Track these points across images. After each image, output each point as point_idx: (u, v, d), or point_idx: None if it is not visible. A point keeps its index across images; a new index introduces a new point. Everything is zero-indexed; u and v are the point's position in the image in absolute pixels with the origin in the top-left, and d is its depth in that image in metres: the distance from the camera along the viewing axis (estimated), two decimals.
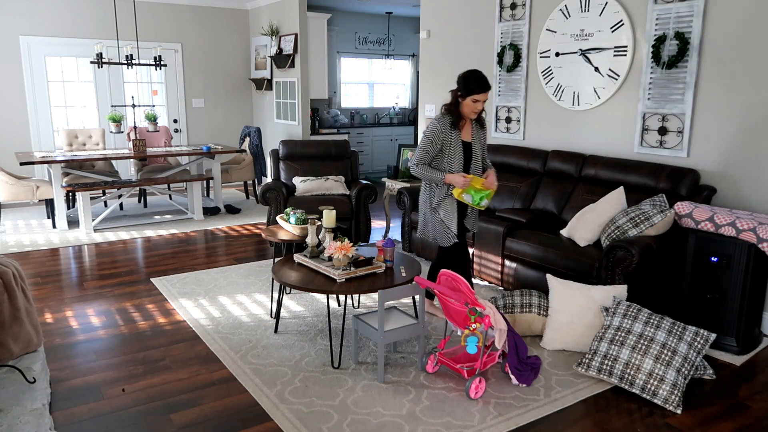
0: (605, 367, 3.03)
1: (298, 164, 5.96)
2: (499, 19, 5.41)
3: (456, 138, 3.57)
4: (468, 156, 3.64)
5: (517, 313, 3.57)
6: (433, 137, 3.54)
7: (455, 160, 3.57)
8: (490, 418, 2.76)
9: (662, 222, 3.64)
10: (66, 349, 3.47)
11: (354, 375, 3.16)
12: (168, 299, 4.29)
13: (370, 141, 10.13)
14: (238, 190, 8.88)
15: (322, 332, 3.70)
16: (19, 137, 7.59)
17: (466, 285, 2.96)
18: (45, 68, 7.68)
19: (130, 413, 2.79)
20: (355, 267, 3.29)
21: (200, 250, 5.68)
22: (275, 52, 8.25)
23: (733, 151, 3.86)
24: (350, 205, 5.57)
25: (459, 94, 3.52)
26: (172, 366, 3.27)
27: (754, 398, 2.99)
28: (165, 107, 8.66)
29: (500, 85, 5.48)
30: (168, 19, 8.41)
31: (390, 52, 10.51)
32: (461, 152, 3.59)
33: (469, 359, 3.09)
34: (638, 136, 4.39)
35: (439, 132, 3.53)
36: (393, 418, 2.74)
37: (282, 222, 4.11)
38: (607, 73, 4.55)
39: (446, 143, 3.55)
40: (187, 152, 6.92)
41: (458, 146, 3.58)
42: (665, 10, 4.12)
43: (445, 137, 3.55)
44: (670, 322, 3.07)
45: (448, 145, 3.56)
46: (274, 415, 2.77)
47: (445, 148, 3.56)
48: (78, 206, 6.25)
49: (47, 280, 4.74)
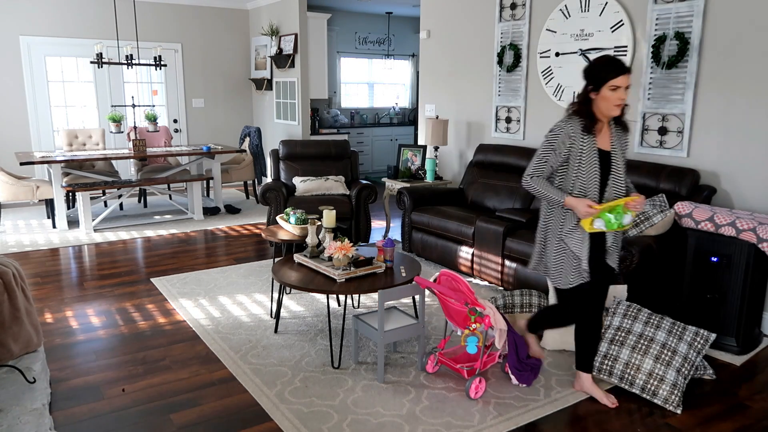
0: (605, 367, 3.03)
1: (298, 164, 5.96)
2: (499, 19, 5.41)
3: (590, 146, 2.71)
4: (606, 170, 2.75)
5: (517, 313, 3.57)
6: (557, 144, 2.72)
7: (588, 175, 2.72)
8: (490, 418, 2.76)
9: (662, 222, 3.64)
10: (66, 349, 3.47)
11: (354, 375, 3.16)
12: (168, 299, 4.29)
13: (370, 141, 10.13)
14: (238, 190, 8.88)
15: (322, 332, 3.70)
16: (19, 137, 7.59)
17: (466, 285, 2.96)
18: (45, 68, 7.68)
19: (130, 413, 2.79)
20: (355, 267, 3.29)
21: (200, 250, 5.68)
22: (275, 52, 8.25)
23: (733, 151, 3.86)
24: (350, 205, 5.57)
25: (590, 89, 2.70)
26: (172, 366, 3.27)
27: (754, 398, 2.98)
28: (165, 107, 8.66)
29: (500, 85, 5.48)
30: (168, 19, 8.41)
31: (390, 52, 10.51)
32: (597, 165, 2.72)
33: (469, 359, 3.09)
34: (638, 136, 4.39)
35: (566, 137, 2.70)
36: (393, 418, 2.74)
37: (282, 222, 4.11)
38: None
39: (575, 152, 2.71)
40: (187, 152, 6.92)
41: (593, 156, 2.71)
42: (665, 10, 4.12)
43: (573, 144, 2.70)
44: (670, 322, 3.07)
45: (579, 154, 2.71)
46: (274, 415, 2.77)
47: (573, 159, 2.72)
48: (78, 206, 6.25)
49: (47, 280, 4.74)
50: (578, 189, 2.72)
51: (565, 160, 2.75)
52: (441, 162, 6.19)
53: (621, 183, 2.79)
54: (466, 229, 4.64)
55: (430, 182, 5.78)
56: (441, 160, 6.18)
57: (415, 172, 6.06)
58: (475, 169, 5.48)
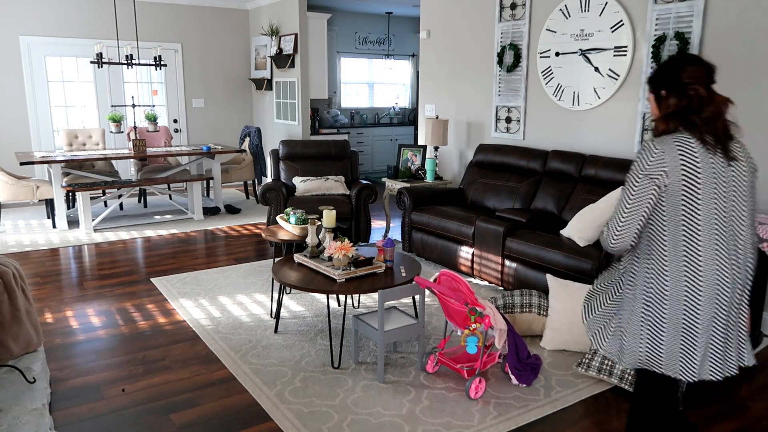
0: (605, 367, 3.03)
1: (298, 164, 5.96)
2: (499, 19, 5.41)
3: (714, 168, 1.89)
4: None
5: (517, 313, 3.57)
6: (658, 173, 1.89)
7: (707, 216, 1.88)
8: (490, 418, 2.76)
9: None
10: (66, 349, 3.47)
11: (354, 375, 3.16)
12: (168, 299, 4.29)
13: (370, 141, 10.13)
14: (238, 190, 8.88)
15: (322, 332, 3.70)
16: (19, 137, 7.59)
17: (466, 285, 2.96)
18: (45, 68, 7.68)
19: (130, 413, 2.79)
20: (355, 267, 3.29)
21: (200, 250, 5.68)
22: (275, 52, 8.25)
23: None
24: (350, 205, 5.57)
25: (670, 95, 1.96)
26: (172, 366, 3.27)
27: (754, 398, 2.99)
28: (165, 107, 8.66)
29: (500, 85, 5.48)
30: (168, 19, 8.41)
31: (390, 52, 10.50)
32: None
33: (469, 359, 3.09)
34: (638, 135, 4.39)
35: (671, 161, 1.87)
36: (393, 418, 2.74)
37: (282, 222, 4.11)
38: (607, 73, 4.55)
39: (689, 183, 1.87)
40: (187, 152, 6.92)
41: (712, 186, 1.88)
42: (665, 10, 4.12)
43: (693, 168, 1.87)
44: None
45: (694, 185, 1.87)
46: (274, 415, 2.77)
47: (675, 193, 1.88)
48: (78, 206, 6.25)
49: (47, 280, 4.74)
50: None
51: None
52: (441, 162, 6.19)
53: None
54: (466, 229, 4.64)
55: (430, 182, 5.78)
56: (441, 160, 6.18)
57: (415, 172, 6.06)
58: (475, 169, 5.48)
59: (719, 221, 1.89)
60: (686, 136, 1.89)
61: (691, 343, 1.92)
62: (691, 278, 1.88)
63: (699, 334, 1.91)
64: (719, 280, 1.88)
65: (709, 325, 1.91)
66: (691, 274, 1.88)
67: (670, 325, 1.92)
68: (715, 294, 1.88)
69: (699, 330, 1.90)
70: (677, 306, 1.90)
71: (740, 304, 1.98)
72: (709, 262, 1.87)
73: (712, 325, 1.91)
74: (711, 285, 1.88)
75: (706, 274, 1.87)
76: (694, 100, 1.91)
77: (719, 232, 1.88)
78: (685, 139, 1.88)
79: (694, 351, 1.93)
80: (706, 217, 1.87)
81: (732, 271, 1.90)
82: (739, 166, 1.94)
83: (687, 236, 1.88)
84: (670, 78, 1.98)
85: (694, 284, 1.88)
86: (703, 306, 1.88)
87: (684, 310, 1.90)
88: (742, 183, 1.94)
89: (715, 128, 1.91)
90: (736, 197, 1.92)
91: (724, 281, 1.89)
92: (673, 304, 1.91)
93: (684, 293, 1.89)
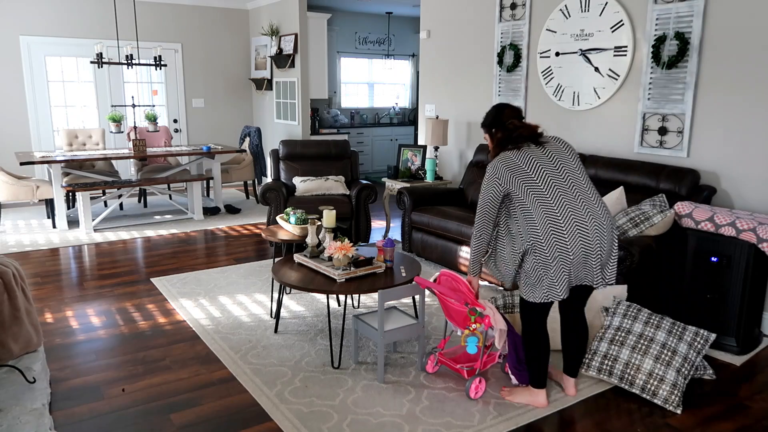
0: (605, 367, 3.03)
1: (298, 164, 5.96)
2: (499, 19, 5.41)
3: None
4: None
5: (517, 313, 3.56)
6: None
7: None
8: (490, 418, 2.76)
9: (662, 222, 3.64)
10: (66, 349, 3.47)
11: (354, 375, 3.16)
12: (168, 299, 4.29)
13: (370, 141, 10.13)
14: (238, 190, 8.88)
15: (322, 332, 3.70)
16: (19, 137, 7.59)
17: (466, 285, 2.96)
18: (45, 68, 7.68)
19: (130, 413, 2.79)
20: (355, 267, 3.29)
21: (200, 250, 5.68)
22: (275, 52, 8.25)
23: (734, 151, 3.86)
24: (350, 205, 5.57)
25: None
26: (172, 366, 3.27)
27: (754, 398, 2.98)
28: (165, 107, 8.66)
29: (500, 85, 5.48)
30: (168, 19, 8.41)
31: (390, 52, 10.51)
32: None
33: (469, 359, 3.09)
34: (638, 136, 4.39)
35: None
36: (393, 418, 2.74)
37: (282, 222, 4.11)
38: (607, 73, 4.55)
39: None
40: (187, 152, 6.92)
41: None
42: (665, 10, 4.12)
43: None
44: (670, 322, 3.07)
45: (525, 174, 2.71)
46: (274, 415, 2.77)
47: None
48: (78, 206, 6.25)
49: (47, 280, 4.74)
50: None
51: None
52: (441, 162, 6.19)
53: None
54: (466, 229, 4.64)
55: (430, 182, 5.78)
56: (441, 160, 6.18)
57: (415, 172, 6.06)
58: (475, 169, 5.47)
59: (562, 187, 2.62)
60: (506, 152, 2.70)
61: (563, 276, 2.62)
62: (557, 233, 2.57)
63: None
64: (579, 226, 2.58)
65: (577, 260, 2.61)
66: (556, 230, 2.57)
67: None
68: (578, 237, 2.57)
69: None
70: (555, 253, 2.58)
71: (603, 238, 2.63)
72: (567, 217, 2.58)
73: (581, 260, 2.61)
74: (573, 233, 2.56)
75: (566, 226, 2.57)
76: (512, 130, 2.72)
77: (566, 193, 2.61)
78: (503, 155, 2.70)
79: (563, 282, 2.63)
80: (549, 187, 2.61)
81: (588, 215, 2.60)
82: (550, 145, 2.71)
83: (544, 207, 2.59)
84: (495, 120, 2.81)
85: (560, 237, 2.57)
86: (571, 248, 2.57)
87: (560, 254, 2.58)
88: (563, 154, 2.70)
89: (523, 136, 2.71)
90: (563, 164, 2.67)
91: (583, 226, 2.58)
92: (552, 253, 2.59)
93: (555, 246, 2.57)
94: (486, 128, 2.87)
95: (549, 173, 2.64)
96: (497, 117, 2.81)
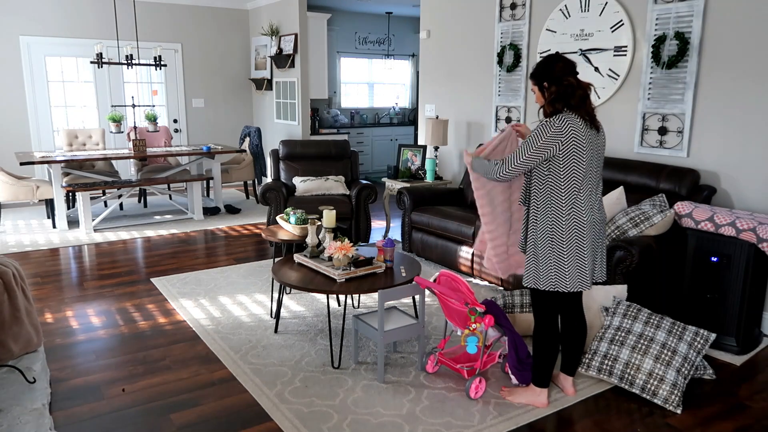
0: (605, 367, 3.03)
1: (298, 164, 5.96)
2: (499, 19, 5.41)
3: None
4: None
5: (517, 313, 3.56)
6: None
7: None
8: (490, 418, 2.76)
9: (662, 222, 3.64)
10: (66, 349, 3.47)
11: (354, 375, 3.16)
12: (168, 299, 4.29)
13: (370, 141, 10.13)
14: (238, 190, 8.88)
15: (322, 332, 3.70)
16: (19, 137, 7.59)
17: (465, 285, 2.96)
18: (45, 68, 7.68)
19: (130, 413, 2.79)
20: (355, 267, 3.29)
21: (200, 250, 5.68)
22: (275, 52, 8.25)
23: (733, 151, 3.86)
24: (350, 205, 5.57)
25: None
26: (172, 366, 3.27)
27: (754, 398, 2.99)
28: (165, 107, 8.65)
29: (500, 85, 5.48)
30: (168, 19, 8.41)
31: (390, 52, 10.50)
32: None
33: (469, 359, 3.09)
34: (638, 136, 4.39)
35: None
36: (393, 418, 2.74)
37: (282, 222, 4.11)
38: (607, 73, 4.55)
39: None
40: (187, 152, 6.92)
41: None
42: (665, 10, 4.12)
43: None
44: (670, 322, 3.07)
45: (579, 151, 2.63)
46: (274, 415, 2.77)
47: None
48: (78, 206, 6.25)
49: (47, 280, 4.74)
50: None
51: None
52: (441, 162, 6.19)
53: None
54: (466, 229, 4.64)
55: (430, 182, 5.78)
56: (441, 160, 6.18)
57: (415, 172, 6.06)
58: None
59: (593, 176, 2.61)
60: (572, 116, 2.54)
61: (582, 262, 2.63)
62: (578, 221, 2.57)
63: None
64: (593, 218, 2.62)
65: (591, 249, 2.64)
66: (577, 219, 2.58)
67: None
68: (591, 228, 2.60)
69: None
70: (571, 236, 2.58)
71: (602, 234, 2.71)
72: (588, 206, 2.60)
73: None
74: (590, 224, 2.60)
75: (587, 216, 2.59)
76: (568, 87, 2.57)
77: (592, 184, 2.62)
78: (571, 118, 2.54)
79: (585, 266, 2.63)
80: (587, 173, 2.58)
81: (598, 210, 2.66)
82: (601, 134, 2.67)
83: (575, 190, 2.57)
84: (545, 72, 2.64)
85: (579, 226, 2.57)
86: (586, 237, 2.59)
87: (575, 240, 2.58)
88: (601, 148, 2.66)
89: (586, 107, 2.59)
90: (599, 157, 2.65)
91: (595, 220, 2.64)
92: (568, 235, 2.59)
93: (574, 229, 2.58)
94: (534, 80, 2.69)
95: (592, 162, 2.58)
96: (547, 70, 2.62)
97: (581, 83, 2.60)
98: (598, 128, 2.64)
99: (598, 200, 2.70)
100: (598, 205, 2.67)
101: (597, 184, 2.67)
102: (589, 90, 2.63)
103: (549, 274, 2.64)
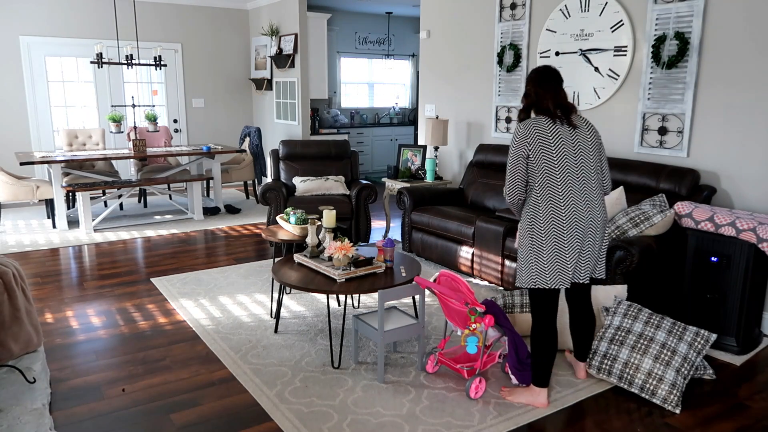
0: (605, 367, 3.03)
1: (298, 164, 5.96)
2: (499, 19, 5.41)
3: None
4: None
5: (517, 313, 3.56)
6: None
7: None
8: (490, 418, 2.76)
9: (662, 222, 3.64)
10: (66, 349, 3.47)
11: (354, 375, 3.16)
12: (168, 299, 4.29)
13: (370, 141, 10.13)
14: (238, 190, 8.88)
15: (322, 332, 3.70)
16: (19, 137, 7.59)
17: (465, 285, 2.96)
18: (45, 68, 7.68)
19: (130, 413, 2.79)
20: (355, 267, 3.29)
21: (200, 250, 5.68)
22: (275, 52, 8.25)
23: (733, 151, 3.86)
24: (350, 205, 5.57)
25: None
26: (172, 366, 3.27)
27: (754, 398, 2.99)
28: (165, 107, 8.66)
29: (500, 85, 5.48)
30: (168, 19, 8.41)
31: (390, 52, 10.50)
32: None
33: (469, 359, 3.09)
34: (638, 136, 4.39)
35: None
36: (393, 418, 2.74)
37: (282, 222, 4.11)
38: (607, 73, 4.55)
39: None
40: (187, 152, 6.92)
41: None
42: (665, 10, 4.12)
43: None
44: (670, 322, 3.07)
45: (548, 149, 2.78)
46: (274, 415, 2.77)
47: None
48: (78, 206, 6.25)
49: (47, 280, 4.74)
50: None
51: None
52: (441, 162, 6.19)
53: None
54: (466, 229, 4.64)
55: (430, 182, 5.78)
56: (441, 160, 6.18)
57: (415, 172, 6.06)
58: (475, 169, 5.48)
59: (573, 172, 2.66)
60: (538, 118, 2.74)
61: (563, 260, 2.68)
62: (556, 215, 2.64)
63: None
64: (576, 214, 2.65)
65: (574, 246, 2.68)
66: (555, 214, 2.64)
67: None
68: (575, 225, 2.64)
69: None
70: (549, 232, 2.66)
71: (596, 232, 2.72)
72: (571, 202, 2.64)
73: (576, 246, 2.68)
74: (571, 219, 2.64)
75: (566, 211, 2.64)
76: (529, 96, 2.82)
77: (575, 180, 2.66)
78: (537, 119, 2.73)
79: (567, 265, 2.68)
80: (564, 170, 2.65)
81: (586, 206, 2.67)
82: (580, 131, 2.74)
83: (549, 185, 2.65)
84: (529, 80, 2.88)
85: (558, 220, 2.64)
86: (566, 233, 2.64)
87: (555, 238, 2.65)
88: (586, 144, 2.73)
89: (552, 109, 2.74)
90: (582, 154, 2.70)
91: (580, 215, 2.65)
92: (547, 231, 2.67)
93: (552, 226, 2.65)
94: (525, 83, 2.98)
95: (567, 156, 2.66)
96: (532, 78, 2.89)
97: (551, 97, 2.78)
98: (575, 126, 2.73)
99: (593, 198, 2.71)
100: (589, 203, 2.69)
101: (585, 180, 2.69)
102: (564, 102, 2.81)
103: (531, 271, 2.73)
